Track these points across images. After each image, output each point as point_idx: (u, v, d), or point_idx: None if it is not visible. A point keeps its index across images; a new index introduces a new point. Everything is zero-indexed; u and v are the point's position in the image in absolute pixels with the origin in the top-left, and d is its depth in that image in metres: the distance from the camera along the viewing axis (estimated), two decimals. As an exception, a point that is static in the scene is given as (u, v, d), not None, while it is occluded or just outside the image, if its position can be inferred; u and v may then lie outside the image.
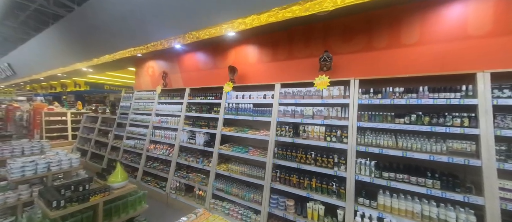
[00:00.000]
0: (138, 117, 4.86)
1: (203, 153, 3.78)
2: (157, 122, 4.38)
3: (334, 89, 2.46)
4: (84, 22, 5.40)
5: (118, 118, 5.37)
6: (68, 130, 8.89)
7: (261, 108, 3.03)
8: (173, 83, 4.88)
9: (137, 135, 4.73)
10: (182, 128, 3.91)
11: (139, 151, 4.53)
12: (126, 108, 5.30)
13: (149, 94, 4.83)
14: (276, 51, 3.37)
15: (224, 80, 3.75)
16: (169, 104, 4.34)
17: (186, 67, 4.68)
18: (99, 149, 5.59)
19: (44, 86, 14.34)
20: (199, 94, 3.88)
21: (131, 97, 5.26)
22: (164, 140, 4.17)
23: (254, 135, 2.99)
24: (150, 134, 4.44)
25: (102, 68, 7.09)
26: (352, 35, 2.67)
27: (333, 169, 2.30)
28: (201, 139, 3.58)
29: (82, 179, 2.35)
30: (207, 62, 4.29)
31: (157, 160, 4.40)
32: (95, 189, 2.06)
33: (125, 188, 2.36)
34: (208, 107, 3.69)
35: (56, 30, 6.69)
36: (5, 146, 2.91)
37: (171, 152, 4.02)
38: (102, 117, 6.03)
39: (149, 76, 5.48)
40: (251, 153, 2.97)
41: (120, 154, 4.91)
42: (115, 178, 2.33)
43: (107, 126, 5.73)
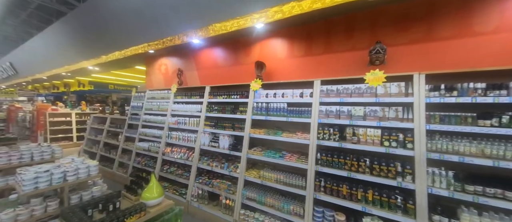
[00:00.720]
0: (152, 117, 4.54)
1: (227, 157, 3.46)
2: (174, 123, 4.06)
3: (392, 86, 2.13)
4: (92, 16, 5.08)
5: (129, 119, 5.05)
6: (73, 131, 8.59)
7: (297, 108, 2.70)
8: (189, 82, 4.56)
9: (150, 137, 4.41)
10: (203, 130, 3.59)
11: (154, 154, 4.22)
12: (137, 108, 4.98)
13: (163, 93, 4.51)
14: (311, 45, 3.03)
15: (248, 78, 3.42)
16: (187, 104, 4.01)
17: (203, 64, 4.35)
18: (109, 152, 5.28)
19: (47, 86, 14.04)
20: (221, 93, 3.55)
21: (143, 97, 4.94)
22: (182, 142, 3.85)
23: (290, 138, 2.67)
24: (166, 136, 4.12)
25: (109, 67, 6.76)
26: (409, 23, 2.33)
27: (395, 179, 1.98)
28: (226, 142, 3.26)
29: (109, 194, 2.02)
30: (227, 58, 3.95)
31: (173, 164, 4.09)
32: (130, 209, 1.73)
33: (162, 206, 2.01)
34: (232, 107, 3.36)
35: (62, 26, 6.36)
36: (12, 152, 2.59)
37: (191, 155, 3.70)
38: (111, 117, 5.71)
39: (161, 74, 5.16)
40: (287, 158, 2.65)
41: (132, 157, 4.60)
42: (151, 193, 1.97)
43: (116, 127, 5.41)
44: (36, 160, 2.75)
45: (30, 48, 8.52)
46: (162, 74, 5.15)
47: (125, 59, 5.14)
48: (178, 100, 4.18)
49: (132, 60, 5.56)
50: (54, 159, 2.94)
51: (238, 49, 3.80)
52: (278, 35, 3.34)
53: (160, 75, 5.20)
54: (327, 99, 2.50)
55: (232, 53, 3.89)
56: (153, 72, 5.38)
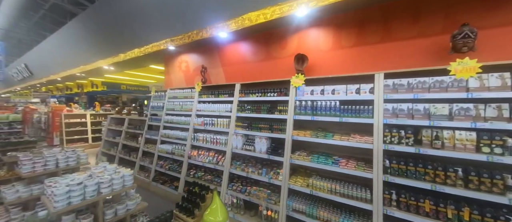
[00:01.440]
0: (174, 118, 4.26)
1: (264, 162, 3.12)
2: (200, 124, 3.75)
3: (491, 78, 1.72)
4: (110, 12, 4.84)
5: (148, 120, 4.79)
6: (88, 132, 8.50)
7: (353, 106, 2.32)
8: (213, 79, 4.24)
9: (174, 139, 4.13)
10: (234, 131, 3.26)
11: (178, 157, 3.93)
12: (158, 109, 4.71)
13: (186, 92, 4.21)
14: (363, 33, 2.63)
15: (284, 73, 3.08)
16: (213, 103, 3.69)
17: (229, 60, 4.02)
18: (129, 154, 5.06)
19: (60, 88, 14.16)
20: (253, 90, 3.20)
21: (163, 97, 4.66)
22: (210, 145, 3.54)
23: (344, 142, 2.29)
24: (191, 138, 3.82)
25: (124, 66, 6.55)
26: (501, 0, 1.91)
27: (504, 195, 1.57)
28: (263, 145, 2.92)
29: (162, 216, 1.71)
30: (258, 52, 3.60)
31: (201, 168, 3.79)
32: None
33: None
34: (269, 107, 3.01)
35: (78, 24, 6.19)
36: (36, 158, 2.35)
37: (221, 159, 3.39)
38: (129, 118, 5.49)
39: (182, 72, 4.87)
40: (343, 164, 2.28)
41: (154, 160, 4.34)
42: (215, 216, 1.56)
43: (135, 128, 5.18)
44: (61, 167, 2.50)
45: (45, 49, 8.47)
46: (183, 72, 4.86)
47: (143, 57, 4.89)
48: (204, 99, 3.87)
49: (150, 59, 5.30)
50: (79, 165, 2.69)
51: (271, 42, 3.44)
52: (322, 24, 2.95)
53: (180, 74, 4.92)
54: (395, 96, 2.11)
55: (264, 46, 3.53)
56: (172, 70, 5.10)
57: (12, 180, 2.92)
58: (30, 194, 2.27)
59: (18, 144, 3.94)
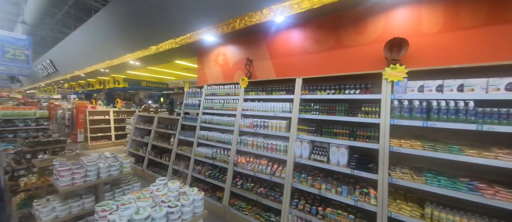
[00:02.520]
0: (214, 118, 3.74)
1: (340, 177, 2.51)
2: (248, 125, 3.20)
3: None
4: (142, 1, 4.40)
5: (182, 119, 4.32)
6: (111, 130, 8.31)
7: (497, 109, 1.64)
8: (259, 73, 3.67)
9: (214, 142, 3.61)
10: (297, 137, 2.67)
11: (221, 163, 3.42)
12: (193, 107, 4.23)
13: (228, 89, 3.66)
14: (502, 7, 1.92)
15: (362, 64, 2.47)
16: (265, 101, 3.11)
17: (279, 51, 3.43)
18: (159, 156, 4.64)
19: (82, 84, 14.34)
20: (322, 86, 2.58)
21: (199, 94, 4.16)
22: (263, 151, 2.98)
23: (491, 160, 1.62)
24: (237, 141, 3.28)
25: (151, 61, 6.16)
26: None
27: None
28: (341, 155, 2.30)
29: None
30: (322, 40, 2.97)
31: (247, 177, 3.25)
32: None
33: None
34: (347, 107, 2.38)
35: (104, 17, 5.87)
36: (75, 167, 1.89)
37: (277, 169, 2.81)
38: (158, 117, 5.08)
39: (219, 67, 4.34)
40: (487, 192, 1.61)
41: (191, 165, 3.86)
42: None
43: (166, 128, 4.74)
44: (103, 178, 2.03)
45: (70, 44, 8.35)
46: (220, 66, 4.33)
47: (176, 50, 4.42)
48: (251, 97, 3.30)
49: (183, 52, 4.82)
50: (122, 175, 2.22)
51: (341, 27, 2.79)
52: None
53: (216, 68, 4.40)
54: None
55: (331, 33, 2.88)
56: (207, 64, 4.59)
57: (44, 189, 2.53)
58: (68, 213, 1.82)
59: (48, 143, 3.61)
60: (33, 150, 3.41)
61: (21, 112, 5.81)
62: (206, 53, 4.58)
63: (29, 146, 3.38)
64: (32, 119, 5.97)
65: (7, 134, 5.62)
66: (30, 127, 5.90)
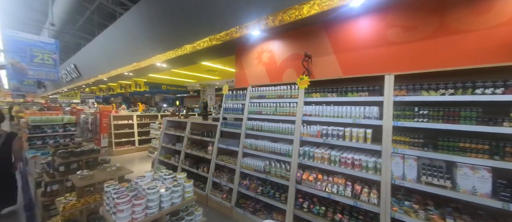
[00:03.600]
0: (264, 124, 3.21)
1: (473, 212, 1.86)
2: (315, 135, 2.63)
3: None
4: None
5: (221, 125, 3.84)
6: (135, 135, 8.06)
7: None
8: (317, 72, 3.10)
9: (267, 153, 3.07)
10: (394, 151, 2.06)
11: (278, 179, 2.86)
12: (234, 111, 3.73)
13: (282, 90, 3.12)
14: None
15: (486, 55, 1.79)
16: (339, 105, 2.53)
17: (348, 43, 2.84)
18: (196, 166, 4.18)
19: (103, 89, 14.52)
20: (427, 84, 1.96)
21: (242, 96, 3.66)
22: (337, 167, 2.39)
23: None
24: (299, 153, 2.72)
25: (178, 63, 5.78)
26: None
27: None
28: (480, 181, 1.66)
29: None
30: (417, 25, 2.33)
31: (311, 198, 2.66)
32: None
33: None
34: (479, 112, 1.75)
35: (131, 18, 5.58)
36: (131, 193, 1.41)
37: (363, 192, 2.21)
38: (192, 122, 4.64)
39: (263, 66, 3.83)
40: None
41: (236, 179, 3.34)
42: None
43: (202, 135, 4.28)
44: (165, 208, 1.54)
45: (94, 48, 8.26)
46: (264, 64, 3.82)
47: (214, 48, 3.96)
48: (316, 99, 2.73)
49: (220, 50, 4.35)
50: (185, 202, 1.73)
51: (448, 7, 2.16)
52: None
53: (260, 67, 3.88)
54: None
55: (430, 15, 2.25)
56: (248, 63, 4.10)
57: (84, 214, 2.10)
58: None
59: (81, 154, 3.24)
60: (67, 161, 3.05)
61: (49, 118, 5.63)
62: (246, 51, 4.09)
63: (63, 157, 3.03)
64: (60, 124, 5.78)
65: (35, 141, 5.46)
66: (57, 133, 5.72)
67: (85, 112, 11.59)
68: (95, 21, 13.39)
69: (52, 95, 19.59)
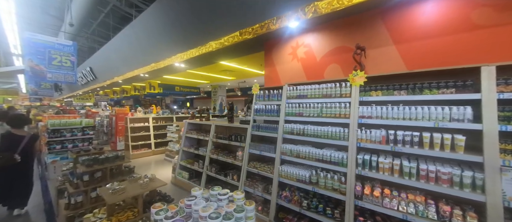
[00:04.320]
0: (307, 128, 2.80)
1: None
2: (378, 140, 2.20)
3: None
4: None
5: (253, 128, 3.47)
6: (151, 138, 7.87)
7: None
8: (372, 66, 2.67)
9: (312, 160, 2.67)
10: (503, 164, 1.60)
11: (328, 192, 2.45)
12: (268, 113, 3.35)
13: (329, 88, 2.70)
14: None
15: None
16: (410, 104, 2.09)
17: (413, 31, 2.39)
18: (224, 174, 3.83)
19: (117, 91, 14.61)
20: None
21: (275, 96, 3.28)
22: (413, 181, 1.95)
23: None
24: (358, 162, 2.29)
25: (197, 62, 5.49)
26: None
27: None
28: None
29: None
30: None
31: (372, 215, 2.23)
32: None
33: None
34: None
35: (151, 15, 5.34)
36: None
37: (456, 216, 1.76)
38: (216, 125, 4.31)
39: (299, 61, 3.43)
40: None
41: (274, 190, 2.96)
42: None
43: (229, 139, 3.93)
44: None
45: (111, 50, 8.16)
46: (301, 60, 3.42)
47: (242, 44, 3.61)
48: (377, 98, 2.30)
49: (248, 46, 4.00)
50: None
51: None
52: None
53: (295, 63, 3.49)
54: None
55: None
56: (279, 60, 3.71)
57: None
58: None
59: (106, 161, 2.97)
60: (91, 170, 2.78)
61: (68, 121, 5.48)
62: (278, 47, 3.70)
63: (87, 165, 2.76)
64: (78, 128, 5.63)
65: (55, 145, 5.32)
66: (76, 137, 5.56)
67: (100, 114, 11.62)
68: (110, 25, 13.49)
69: (67, 98, 20.05)
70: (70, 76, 6.31)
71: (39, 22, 15.47)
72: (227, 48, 3.78)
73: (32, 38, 5.72)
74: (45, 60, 5.90)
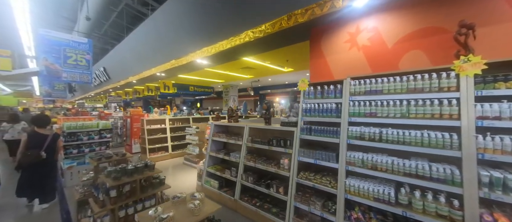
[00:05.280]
0: (388, 132, 2.19)
1: None
2: (518, 151, 1.57)
3: None
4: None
5: (302, 131, 2.88)
6: (168, 140, 7.43)
7: None
8: (487, 49, 2.02)
9: (400, 175, 2.05)
10: None
11: (431, 219, 1.83)
12: (322, 114, 2.76)
13: (419, 81, 2.07)
14: None
15: None
16: None
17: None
18: (264, 184, 3.25)
19: (129, 92, 14.40)
20: None
21: (332, 93, 2.68)
22: None
23: None
24: (481, 181, 1.66)
25: (220, 59, 4.96)
26: None
27: None
28: None
29: None
30: None
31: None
32: None
33: None
34: None
35: (171, 7, 4.86)
36: None
37: None
38: (250, 127, 3.75)
39: (359, 50, 2.81)
40: None
41: (340, 209, 2.36)
42: None
43: (265, 143, 3.37)
44: None
45: (125, 49, 7.79)
46: (363, 49, 2.80)
47: (284, 32, 3.04)
48: (507, 92, 1.67)
49: (291, 34, 3.40)
50: None
51: None
52: None
53: (353, 53, 2.87)
54: None
55: None
56: (331, 49, 3.11)
57: None
58: None
59: (135, 172, 2.47)
60: (119, 183, 2.28)
61: (85, 124, 5.09)
62: (329, 34, 3.10)
63: (114, 178, 2.26)
64: (95, 130, 5.23)
65: (71, 149, 4.93)
66: (93, 140, 5.17)
67: (113, 116, 11.36)
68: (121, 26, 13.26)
69: (79, 100, 20.14)
70: (85, 75, 5.95)
71: (52, 24, 15.49)
72: (262, 39, 3.22)
73: (47, 35, 5.37)
74: (60, 59, 5.55)
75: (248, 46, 3.69)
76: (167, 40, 5.37)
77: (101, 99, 18.94)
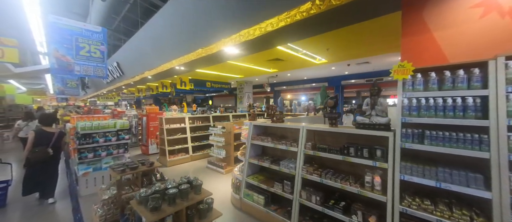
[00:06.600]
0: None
1: None
2: None
3: None
4: None
5: (403, 138, 2.00)
6: (188, 141, 6.72)
7: None
8: None
9: None
10: None
11: None
12: (449, 113, 1.86)
13: None
14: None
15: None
16: None
17: None
18: (341, 209, 2.40)
19: (141, 89, 13.89)
20: None
21: (464, 81, 1.79)
22: None
23: None
24: None
25: (255, 46, 4.10)
26: None
27: None
28: None
29: None
30: None
31: None
32: None
33: None
34: None
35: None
36: None
37: None
38: (308, 129, 2.90)
39: (502, 18, 1.87)
40: None
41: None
42: None
43: (329, 151, 2.52)
44: None
45: (141, 41, 7.10)
46: (508, 15, 1.86)
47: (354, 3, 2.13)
48: None
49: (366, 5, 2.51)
50: None
51: None
52: None
53: (490, 24, 1.92)
54: None
55: None
56: (442, 22, 2.16)
57: None
58: None
59: (179, 196, 1.68)
60: (160, 217, 1.50)
61: (100, 123, 4.41)
62: (434, 6, 2.17)
63: (152, 209, 1.49)
64: (112, 131, 4.56)
65: (86, 153, 4.28)
66: (110, 143, 4.49)
67: (126, 114, 10.81)
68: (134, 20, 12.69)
69: (91, 98, 19.95)
70: (100, 69, 5.28)
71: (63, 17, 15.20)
72: (336, 10, 2.32)
73: (57, 23, 4.72)
74: (72, 50, 4.90)
75: (305, 23, 2.80)
76: (196, 24, 4.57)
77: (113, 97, 18.63)
